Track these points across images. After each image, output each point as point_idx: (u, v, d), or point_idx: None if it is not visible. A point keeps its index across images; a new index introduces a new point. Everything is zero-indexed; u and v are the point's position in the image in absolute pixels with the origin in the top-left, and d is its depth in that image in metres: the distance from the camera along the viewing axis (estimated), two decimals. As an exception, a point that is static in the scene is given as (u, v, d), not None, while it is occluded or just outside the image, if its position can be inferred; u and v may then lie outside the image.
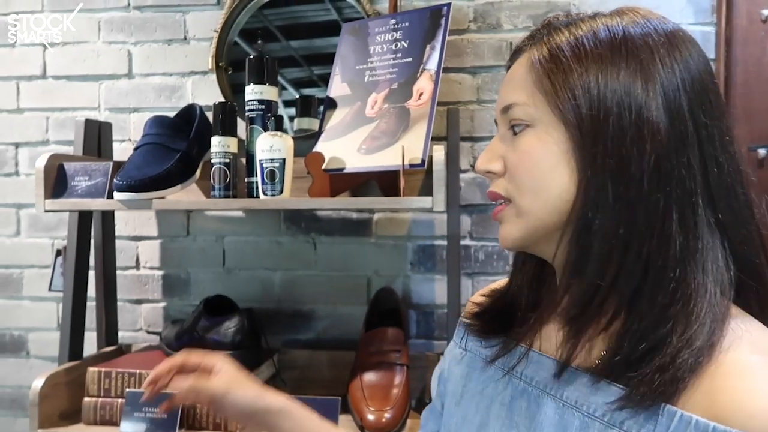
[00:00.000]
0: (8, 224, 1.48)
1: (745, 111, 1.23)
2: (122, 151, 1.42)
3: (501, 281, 0.72)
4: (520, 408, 0.60)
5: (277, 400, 0.77)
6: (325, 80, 1.38)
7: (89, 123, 1.28)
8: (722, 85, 1.24)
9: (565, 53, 0.55)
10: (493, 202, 0.61)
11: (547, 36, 0.58)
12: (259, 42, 1.39)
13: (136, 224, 1.44)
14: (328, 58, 1.28)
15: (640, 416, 0.48)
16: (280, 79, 1.40)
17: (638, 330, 0.50)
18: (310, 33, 1.42)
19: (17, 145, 1.47)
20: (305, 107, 1.36)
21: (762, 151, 1.22)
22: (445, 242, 1.35)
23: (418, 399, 1.20)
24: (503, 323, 0.66)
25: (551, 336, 0.61)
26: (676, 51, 0.53)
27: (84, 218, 1.25)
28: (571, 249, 0.55)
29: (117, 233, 1.40)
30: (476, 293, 0.76)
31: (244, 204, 1.09)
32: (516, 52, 0.62)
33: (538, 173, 0.56)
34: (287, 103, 1.40)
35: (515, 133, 0.58)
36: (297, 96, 1.39)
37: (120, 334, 1.41)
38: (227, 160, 1.13)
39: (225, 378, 0.77)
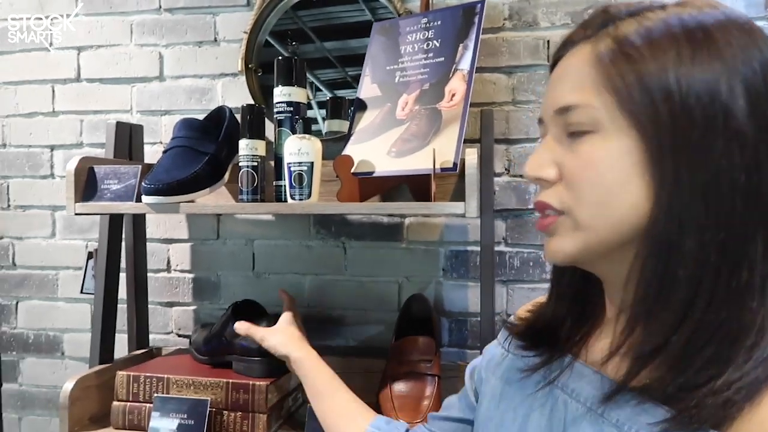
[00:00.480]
0: (44, 226, 1.50)
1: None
2: (153, 153, 1.42)
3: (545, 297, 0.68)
4: (560, 420, 0.57)
5: (296, 350, 0.99)
6: (357, 80, 1.35)
7: (120, 125, 1.28)
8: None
9: (637, 46, 0.48)
10: (537, 212, 0.56)
11: (610, 26, 0.52)
12: (294, 43, 1.37)
13: (167, 227, 1.44)
14: (362, 59, 1.26)
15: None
16: (314, 80, 1.38)
17: (705, 357, 0.45)
18: (344, 34, 1.40)
19: (52, 148, 1.49)
20: (336, 109, 1.34)
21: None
22: (478, 248, 1.31)
23: (449, 410, 1.16)
24: (548, 338, 0.62)
25: (597, 347, 0.58)
26: (752, 43, 0.47)
27: (115, 221, 1.25)
28: (648, 275, 0.48)
29: (148, 236, 1.40)
30: (523, 307, 0.72)
31: (272, 208, 1.07)
32: (567, 44, 0.55)
33: (604, 185, 0.50)
34: (321, 105, 1.37)
35: (574, 138, 0.52)
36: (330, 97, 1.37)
37: (151, 336, 1.41)
38: (255, 164, 1.11)
39: (269, 328, 1.05)
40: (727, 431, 0.43)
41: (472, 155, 0.98)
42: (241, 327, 1.07)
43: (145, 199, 1.07)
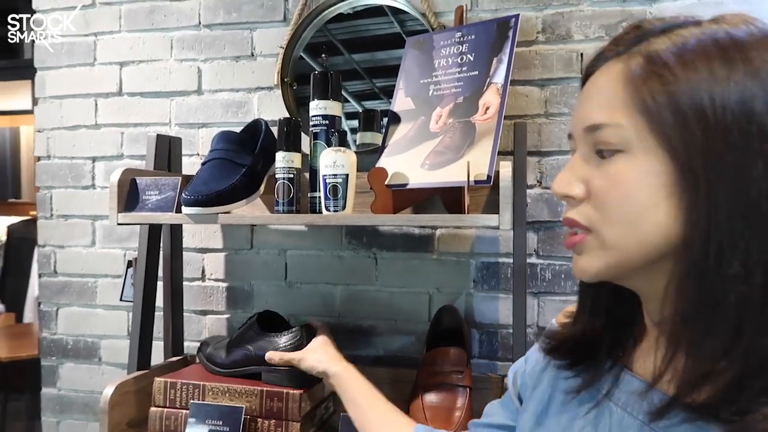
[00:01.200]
0: (85, 235, 1.55)
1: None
2: (191, 165, 1.45)
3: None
4: (605, 426, 0.57)
5: (334, 365, 1.02)
6: (386, 93, 1.37)
7: (160, 138, 1.32)
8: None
9: (669, 65, 0.48)
10: (567, 227, 0.56)
11: (642, 43, 0.52)
12: (324, 56, 1.39)
13: (202, 237, 1.48)
14: (389, 71, 1.28)
15: None
16: (344, 93, 1.40)
17: (759, 384, 0.45)
18: (373, 46, 1.42)
19: (94, 159, 1.54)
20: (368, 121, 1.36)
21: None
22: (509, 260, 1.31)
23: (480, 422, 1.16)
24: (587, 354, 0.62)
25: (643, 355, 0.58)
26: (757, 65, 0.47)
27: (154, 231, 1.28)
28: (688, 299, 0.48)
29: (184, 245, 1.44)
30: (561, 314, 0.72)
31: (307, 219, 1.09)
32: (598, 59, 0.55)
33: (632, 206, 0.50)
34: (349, 116, 1.40)
35: (603, 156, 0.52)
36: (359, 109, 1.39)
37: (185, 344, 1.44)
38: (291, 176, 1.13)
39: (304, 349, 1.08)
40: None
41: (506, 168, 0.99)
42: (274, 356, 1.11)
43: (184, 210, 1.10)
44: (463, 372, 1.13)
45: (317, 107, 1.14)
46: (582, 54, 1.26)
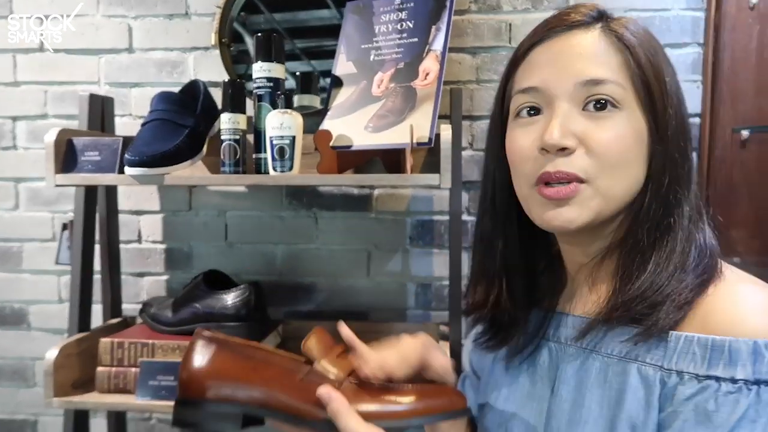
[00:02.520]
0: (7, 198, 1.48)
1: (731, 94, 1.29)
2: (123, 125, 1.42)
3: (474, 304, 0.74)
4: (543, 363, 0.67)
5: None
6: (308, 54, 1.40)
7: (93, 97, 1.28)
8: (710, 69, 1.29)
9: (645, 41, 0.60)
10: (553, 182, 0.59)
11: (605, 20, 0.61)
12: (242, 14, 1.39)
13: (138, 199, 1.46)
14: (311, 32, 1.29)
15: (651, 346, 0.56)
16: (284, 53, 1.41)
17: (654, 282, 0.57)
18: (294, 5, 1.42)
19: (15, 119, 1.47)
20: (306, 84, 1.38)
21: (745, 133, 1.29)
22: (443, 217, 1.40)
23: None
24: (521, 318, 0.70)
25: (569, 295, 0.68)
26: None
27: (90, 193, 1.26)
28: (635, 225, 0.60)
29: (119, 207, 1.41)
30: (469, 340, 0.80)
31: (256, 180, 1.12)
32: (562, 25, 0.61)
33: (628, 158, 0.58)
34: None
35: (596, 110, 0.58)
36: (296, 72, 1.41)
37: (123, 306, 1.43)
38: (237, 137, 1.15)
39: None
40: (679, 330, 0.55)
41: (446, 131, 1.06)
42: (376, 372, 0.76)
43: (128, 170, 1.09)
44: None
45: (261, 69, 1.16)
46: (511, 24, 1.35)
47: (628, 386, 0.56)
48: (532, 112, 0.62)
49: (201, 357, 0.64)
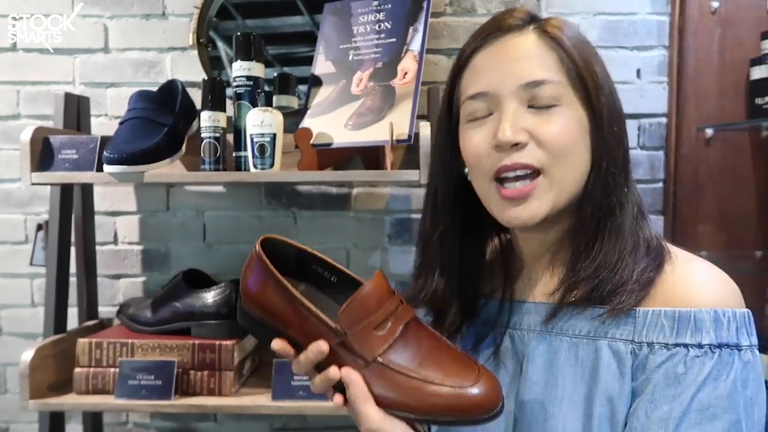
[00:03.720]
0: (-23, 200, 1.46)
1: (695, 95, 1.34)
2: (99, 125, 1.41)
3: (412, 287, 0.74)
4: (505, 350, 0.69)
5: None
6: (279, 60, 1.41)
7: (69, 97, 1.27)
8: (674, 71, 1.35)
9: (575, 39, 0.64)
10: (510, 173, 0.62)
11: (537, 22, 0.65)
12: (214, 19, 1.40)
13: (114, 199, 1.44)
14: (283, 39, 1.31)
15: (619, 323, 0.61)
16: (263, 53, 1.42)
17: (608, 261, 0.61)
18: (265, 12, 1.42)
19: (-14, 119, 1.44)
20: (284, 85, 1.39)
21: (709, 131, 1.34)
22: (420, 216, 1.42)
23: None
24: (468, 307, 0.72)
25: (525, 283, 0.71)
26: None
27: (66, 192, 1.25)
28: (592, 215, 0.63)
29: (95, 208, 1.40)
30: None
31: (237, 177, 1.12)
32: (499, 30, 0.64)
33: (574, 148, 0.62)
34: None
35: (540, 108, 0.61)
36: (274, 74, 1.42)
37: (99, 308, 1.41)
38: (217, 135, 1.15)
39: None
40: (645, 304, 0.60)
41: (426, 128, 1.09)
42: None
43: (107, 168, 1.09)
44: (400, 301, 0.64)
45: (241, 68, 1.17)
46: (485, 26, 1.38)
47: (601, 361, 0.61)
48: (483, 114, 0.65)
49: (254, 279, 0.64)
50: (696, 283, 0.60)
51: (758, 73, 1.29)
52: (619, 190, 0.63)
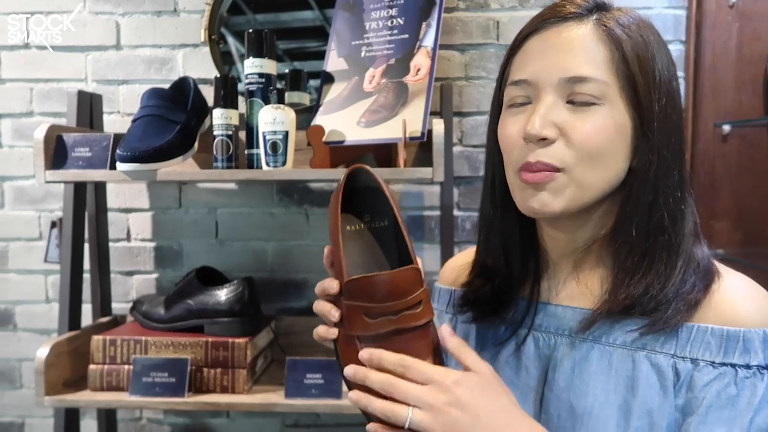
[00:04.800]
0: (-8, 197, 1.46)
1: (712, 90, 1.33)
2: (112, 122, 1.41)
3: (470, 253, 0.75)
4: (528, 353, 0.67)
5: None
6: (290, 55, 1.40)
7: (81, 94, 1.27)
8: (692, 66, 1.33)
9: (636, 37, 0.60)
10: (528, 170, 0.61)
11: (601, 11, 0.61)
12: (224, 14, 1.39)
13: (126, 196, 1.45)
14: (293, 33, 1.30)
15: (660, 336, 0.58)
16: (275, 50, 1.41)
17: (659, 282, 0.58)
18: (277, 7, 1.42)
19: (-1, 117, 1.45)
20: (295, 81, 1.38)
21: (726, 128, 1.32)
22: (433, 213, 1.42)
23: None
24: (507, 298, 0.69)
25: (553, 285, 0.68)
26: (663, 42, 0.63)
27: (80, 190, 1.25)
28: (636, 226, 0.60)
29: (108, 205, 1.40)
30: (450, 264, 0.80)
31: (249, 175, 1.12)
32: (557, 17, 0.62)
33: (608, 151, 0.59)
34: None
35: (578, 105, 0.59)
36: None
37: (112, 305, 1.42)
38: (230, 132, 1.15)
39: None
40: (690, 319, 0.58)
41: (439, 125, 1.08)
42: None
43: (120, 166, 1.09)
44: (421, 301, 0.60)
45: (253, 65, 1.16)
46: (498, 22, 1.37)
47: (640, 373, 0.58)
48: (522, 102, 0.63)
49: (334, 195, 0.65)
50: (742, 301, 0.58)
51: (777, 68, 1.27)
52: (673, 204, 0.60)
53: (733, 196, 1.34)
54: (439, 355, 0.61)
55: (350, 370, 0.57)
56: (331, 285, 0.61)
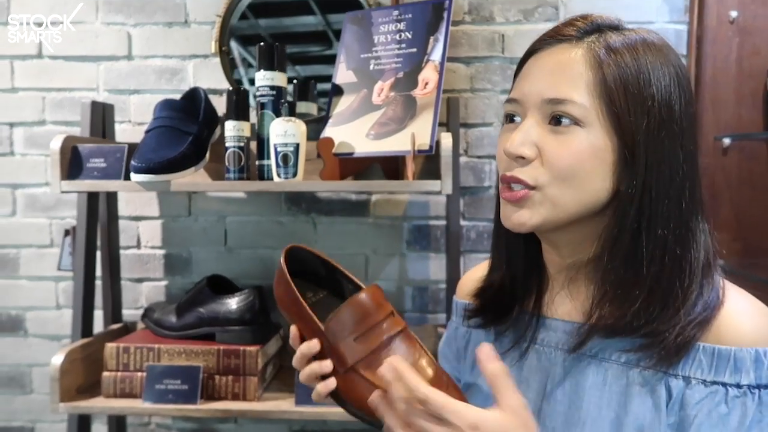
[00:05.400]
0: (4, 204, 1.48)
1: (713, 104, 1.35)
2: (122, 132, 1.44)
3: (485, 264, 0.77)
4: (530, 366, 0.68)
5: None
6: (293, 59, 1.42)
7: (95, 104, 1.30)
8: (693, 80, 1.36)
9: (626, 59, 0.59)
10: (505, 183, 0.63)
11: (596, 33, 0.61)
12: (218, 16, 1.40)
13: (137, 205, 1.47)
14: (295, 38, 1.32)
15: (652, 353, 0.58)
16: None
17: (653, 304, 0.59)
18: (279, 12, 1.44)
19: (12, 125, 1.47)
20: (303, 91, 1.41)
21: (726, 141, 1.35)
22: (439, 222, 1.44)
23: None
24: (507, 309, 0.71)
25: (553, 299, 0.70)
26: (672, 64, 0.62)
27: (93, 199, 1.27)
28: (621, 247, 0.60)
29: (119, 213, 1.43)
30: (468, 276, 0.82)
31: (261, 186, 1.14)
32: (552, 39, 0.63)
33: (582, 173, 0.59)
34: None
35: (557, 125, 0.60)
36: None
37: (122, 312, 1.44)
38: (242, 144, 1.18)
39: None
40: (704, 340, 0.58)
41: (447, 138, 1.10)
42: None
43: (134, 177, 1.11)
44: (389, 314, 0.66)
45: (264, 78, 1.19)
46: (503, 35, 1.40)
47: (632, 389, 0.60)
48: (513, 118, 0.66)
49: (276, 281, 0.72)
50: (738, 320, 0.58)
51: (776, 82, 1.30)
52: (669, 233, 0.60)
53: (732, 207, 1.36)
54: (431, 358, 0.64)
55: (376, 398, 0.58)
56: (311, 345, 0.64)
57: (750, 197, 1.35)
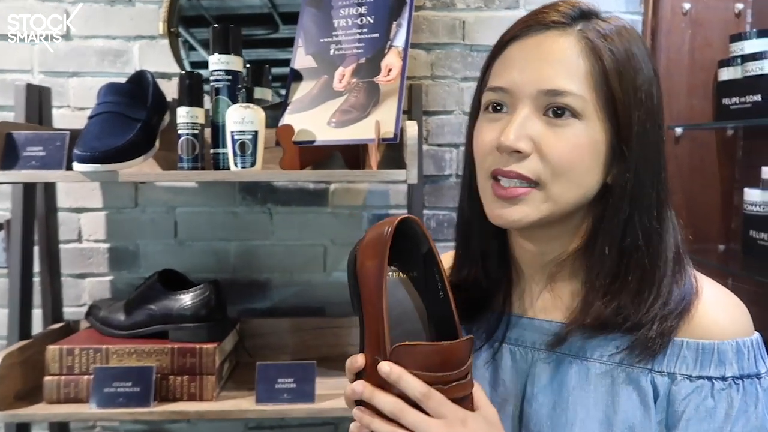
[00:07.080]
0: (-74, 196, 1.36)
1: (667, 94, 1.36)
2: (61, 117, 1.34)
3: (450, 255, 0.73)
4: (505, 366, 0.66)
5: None
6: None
7: (30, 88, 1.20)
8: (647, 70, 1.38)
9: (627, 51, 0.58)
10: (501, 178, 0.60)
11: (585, 20, 0.59)
12: (184, 5, 1.34)
13: (78, 195, 1.37)
14: (239, 20, 1.25)
15: (635, 350, 0.58)
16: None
17: (636, 295, 0.59)
18: None
19: (-67, 109, 1.34)
20: (257, 76, 1.35)
21: (679, 130, 1.39)
22: (399, 211, 1.42)
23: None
24: (479, 305, 0.69)
25: (523, 296, 0.68)
26: (647, 52, 0.62)
27: (29, 190, 1.18)
28: (608, 240, 0.60)
29: (58, 205, 1.33)
30: None
31: (217, 176, 1.08)
32: (539, 25, 0.60)
33: (582, 168, 0.58)
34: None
35: (555, 117, 0.58)
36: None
37: (63, 309, 1.35)
38: (196, 132, 1.11)
39: None
40: (679, 335, 0.58)
41: (412, 127, 1.07)
42: None
43: (78, 167, 1.03)
44: (469, 373, 0.57)
45: (219, 62, 1.12)
46: (464, 22, 1.38)
47: (619, 388, 0.59)
48: (498, 108, 0.62)
49: (372, 241, 0.59)
50: (716, 314, 0.59)
51: (726, 74, 1.33)
52: (649, 223, 0.59)
53: (684, 195, 1.40)
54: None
55: (359, 386, 0.54)
56: (356, 360, 0.57)
57: (700, 185, 1.39)
